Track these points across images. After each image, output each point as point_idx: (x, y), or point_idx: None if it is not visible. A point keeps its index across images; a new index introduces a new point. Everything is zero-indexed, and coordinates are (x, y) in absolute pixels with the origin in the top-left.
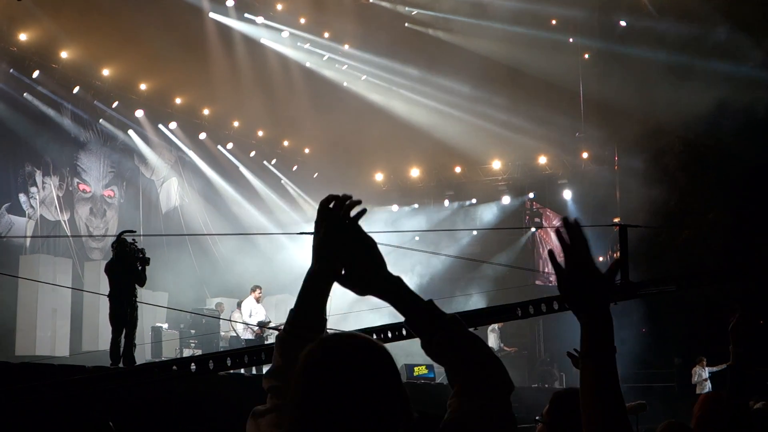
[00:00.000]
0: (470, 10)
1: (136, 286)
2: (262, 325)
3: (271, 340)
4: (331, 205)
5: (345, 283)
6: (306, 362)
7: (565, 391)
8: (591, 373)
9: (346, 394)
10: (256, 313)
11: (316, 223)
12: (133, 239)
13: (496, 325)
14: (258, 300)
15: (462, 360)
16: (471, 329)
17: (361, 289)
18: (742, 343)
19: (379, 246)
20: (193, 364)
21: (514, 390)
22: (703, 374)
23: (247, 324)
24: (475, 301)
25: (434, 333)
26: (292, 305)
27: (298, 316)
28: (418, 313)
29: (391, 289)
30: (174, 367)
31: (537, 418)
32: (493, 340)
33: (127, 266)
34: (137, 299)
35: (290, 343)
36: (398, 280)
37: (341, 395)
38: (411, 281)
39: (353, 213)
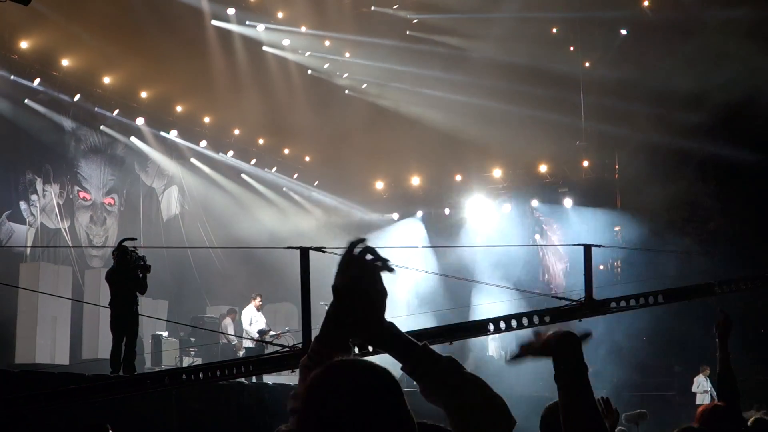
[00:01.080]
0: (471, 19)
1: (137, 293)
2: (263, 333)
3: (271, 348)
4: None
5: (343, 328)
6: (309, 388)
7: (556, 403)
8: (564, 394)
9: (349, 419)
10: (256, 321)
11: (345, 264)
12: (134, 247)
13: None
14: (258, 308)
15: (462, 402)
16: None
17: (357, 336)
18: (725, 349)
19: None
20: (184, 375)
21: (515, 425)
22: (705, 385)
23: (238, 336)
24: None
25: (432, 378)
26: (292, 314)
27: (321, 343)
28: (414, 359)
29: (386, 337)
30: (166, 378)
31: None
32: (493, 349)
33: (128, 274)
34: (138, 307)
35: (312, 369)
36: (391, 326)
37: (345, 420)
38: (412, 290)
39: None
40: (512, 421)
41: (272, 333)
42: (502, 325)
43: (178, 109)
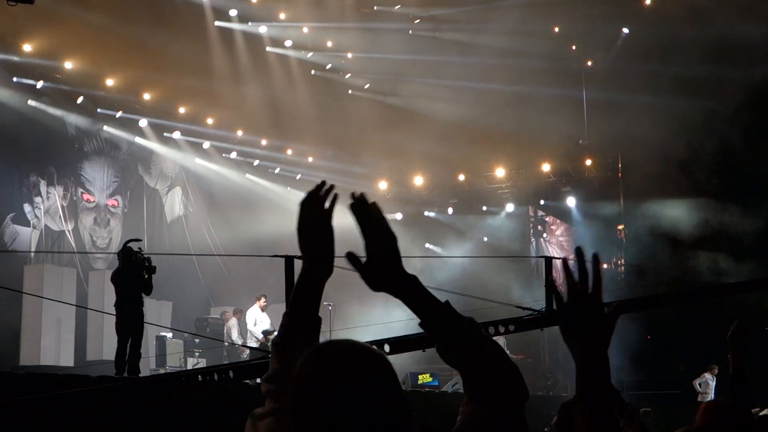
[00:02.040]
0: (473, 17)
1: (143, 294)
2: (267, 333)
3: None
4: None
5: (363, 275)
6: (302, 370)
7: (573, 401)
8: (587, 418)
9: (342, 403)
10: (260, 322)
11: (300, 222)
12: (139, 248)
13: None
14: (263, 308)
15: (478, 365)
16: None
17: (376, 285)
18: (739, 351)
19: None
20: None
21: (529, 399)
22: (711, 383)
23: (235, 343)
24: (482, 314)
25: (452, 336)
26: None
27: (292, 319)
28: (435, 315)
29: (407, 287)
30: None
31: (546, 430)
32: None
33: (133, 275)
34: (144, 308)
35: (286, 347)
36: (414, 279)
37: (338, 404)
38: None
39: (329, 202)
40: (527, 393)
41: (276, 334)
42: (491, 329)
43: (181, 110)
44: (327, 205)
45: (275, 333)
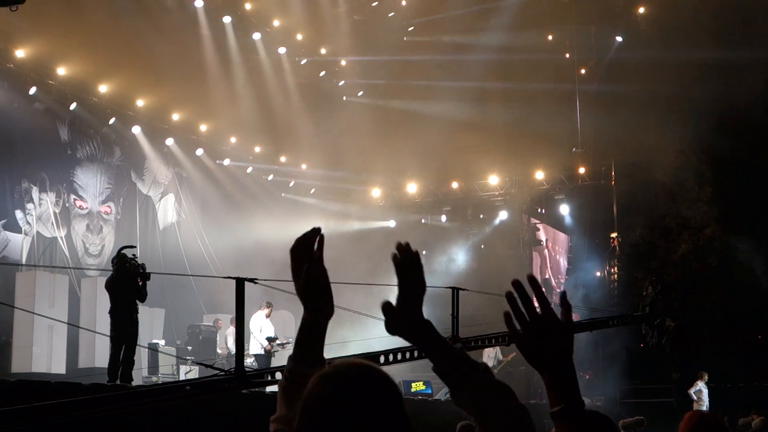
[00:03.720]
0: (467, 25)
1: (137, 301)
2: (271, 340)
3: (278, 357)
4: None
5: (388, 319)
6: (308, 397)
7: None
8: None
9: (349, 427)
10: (265, 329)
11: (294, 267)
12: (134, 254)
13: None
14: (268, 316)
15: (491, 409)
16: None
17: (394, 329)
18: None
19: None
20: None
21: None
22: (704, 390)
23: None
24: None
25: (465, 382)
26: (289, 322)
27: (297, 363)
28: (449, 360)
29: (423, 333)
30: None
31: None
32: (489, 351)
33: (128, 282)
34: (138, 315)
35: (292, 390)
36: (429, 324)
37: (347, 423)
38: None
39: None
40: None
41: (278, 342)
42: (383, 358)
43: (175, 117)
44: (315, 247)
45: (277, 340)
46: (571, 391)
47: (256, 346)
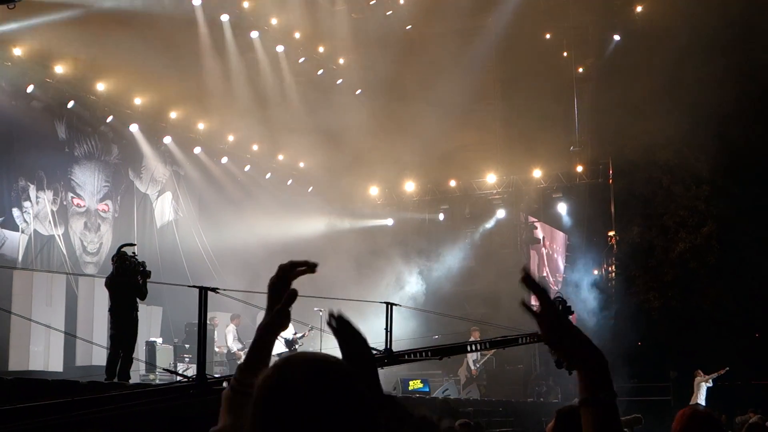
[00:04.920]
0: (466, 24)
1: (137, 299)
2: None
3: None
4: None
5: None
6: (261, 389)
7: (569, 407)
8: (591, 421)
9: (305, 418)
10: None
11: (273, 283)
12: (133, 252)
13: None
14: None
15: None
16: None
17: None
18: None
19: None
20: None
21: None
22: (704, 384)
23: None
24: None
25: None
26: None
27: (247, 371)
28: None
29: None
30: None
31: None
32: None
33: (128, 280)
34: (137, 313)
35: (238, 400)
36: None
37: (300, 420)
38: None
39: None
40: None
41: (298, 335)
42: (479, 346)
43: (172, 115)
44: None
45: (297, 335)
46: (600, 380)
47: (279, 341)
